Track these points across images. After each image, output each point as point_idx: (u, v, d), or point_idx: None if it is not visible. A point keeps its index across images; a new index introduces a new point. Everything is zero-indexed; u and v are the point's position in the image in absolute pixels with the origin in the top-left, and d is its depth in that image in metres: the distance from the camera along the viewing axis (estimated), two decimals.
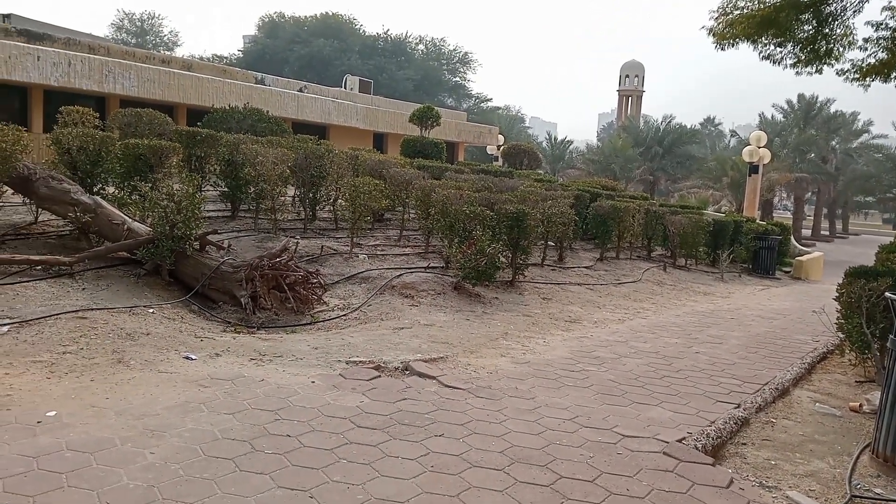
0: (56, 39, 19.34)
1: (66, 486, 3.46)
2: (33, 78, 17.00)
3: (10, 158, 8.37)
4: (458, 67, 66.87)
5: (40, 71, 17.00)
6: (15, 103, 18.11)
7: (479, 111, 60.75)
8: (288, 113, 22.33)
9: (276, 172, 10.98)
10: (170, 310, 7.45)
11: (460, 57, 66.66)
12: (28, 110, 18.05)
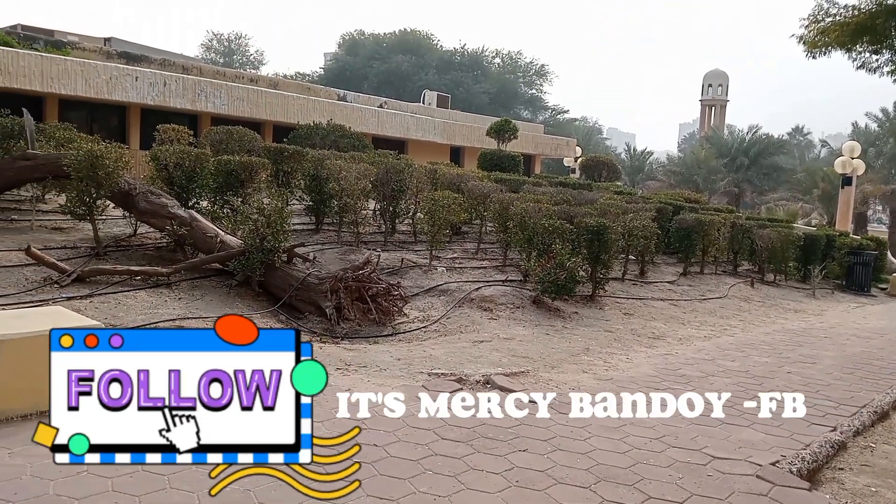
0: (153, 61, 20.48)
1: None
2: (132, 97, 18.03)
3: (113, 175, 8.89)
4: (535, 80, 66.74)
5: (138, 91, 18.01)
6: (114, 121, 19.26)
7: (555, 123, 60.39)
8: (368, 128, 22.83)
9: (358, 187, 11.24)
10: (259, 319, 7.73)
11: (536, 69, 66.53)
12: (126, 128, 19.15)
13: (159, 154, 10.39)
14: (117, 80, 17.58)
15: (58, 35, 20.73)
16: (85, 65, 17.09)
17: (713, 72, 73.94)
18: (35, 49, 17.11)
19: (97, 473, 3.71)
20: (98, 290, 7.66)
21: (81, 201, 8.89)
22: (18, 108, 12.37)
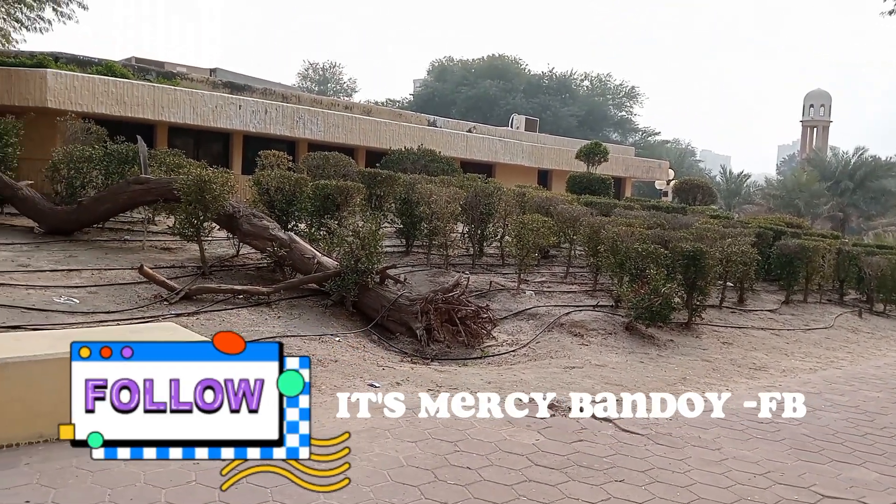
0: (255, 90, 21.51)
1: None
2: (235, 125, 18.98)
3: (220, 198, 9.38)
4: (624, 102, 65.77)
5: (241, 118, 18.95)
6: (218, 147, 20.31)
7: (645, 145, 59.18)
8: (457, 153, 23.10)
9: (448, 210, 11.38)
10: (353, 339, 7.93)
11: (626, 91, 65.57)
12: (229, 153, 20.14)
13: (262, 179, 10.88)
14: (222, 109, 18.56)
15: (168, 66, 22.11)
16: (193, 94, 18.16)
17: (815, 91, 70.69)
18: (148, 80, 18.31)
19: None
20: (204, 307, 8.07)
21: (190, 223, 9.41)
22: (133, 136, 13.27)
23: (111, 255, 9.96)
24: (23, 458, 4.04)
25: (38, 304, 7.40)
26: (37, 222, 11.20)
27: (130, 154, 12.05)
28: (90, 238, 10.97)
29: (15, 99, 14.99)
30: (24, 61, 16.53)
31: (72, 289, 8.11)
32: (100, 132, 13.51)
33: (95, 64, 17.85)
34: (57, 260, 9.31)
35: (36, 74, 15.41)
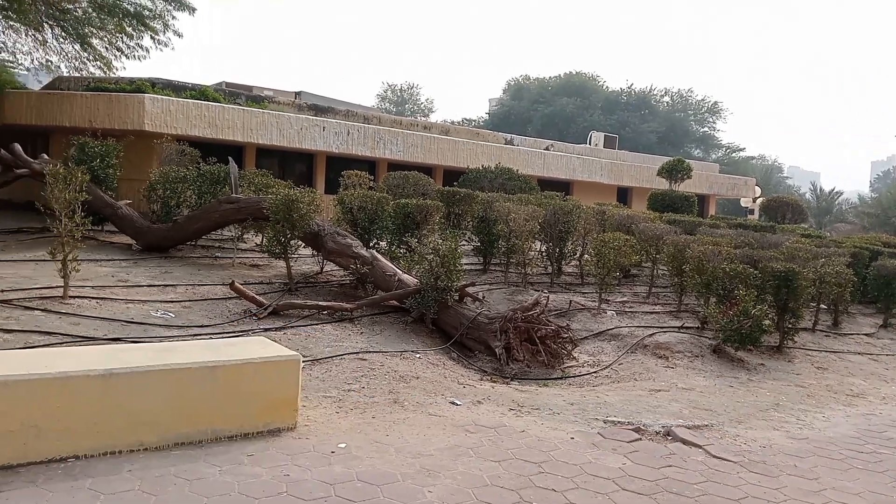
0: (338, 112, 22.11)
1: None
2: (319, 146, 19.55)
3: (306, 217, 9.66)
4: (707, 117, 64.00)
5: (324, 140, 19.51)
6: (303, 167, 20.95)
7: (729, 161, 57.35)
8: (534, 171, 23.03)
9: (526, 228, 11.34)
10: (433, 356, 7.97)
11: (709, 106, 63.82)
12: (313, 173, 20.74)
13: (345, 198, 11.15)
14: (307, 131, 19.17)
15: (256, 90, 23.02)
16: (280, 117, 18.83)
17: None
18: (238, 104, 19.12)
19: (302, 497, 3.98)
20: (290, 322, 8.30)
21: (278, 241, 9.73)
22: (223, 157, 13.87)
23: (203, 271, 10.40)
24: (125, 464, 4.24)
25: (136, 317, 7.80)
26: (134, 239, 11.84)
27: (222, 175, 12.60)
28: (184, 255, 11.50)
29: (115, 123, 15.93)
30: (123, 87, 17.58)
31: (167, 303, 8.51)
32: (193, 154, 14.20)
33: (189, 89, 18.78)
34: (153, 276, 9.79)
35: (134, 99, 16.35)
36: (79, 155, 12.09)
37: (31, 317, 7.33)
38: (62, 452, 4.23)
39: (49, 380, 4.20)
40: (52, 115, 16.51)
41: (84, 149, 12.24)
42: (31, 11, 16.59)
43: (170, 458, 4.37)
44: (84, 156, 12.10)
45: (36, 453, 4.15)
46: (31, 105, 16.94)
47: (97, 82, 18.09)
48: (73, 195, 8.16)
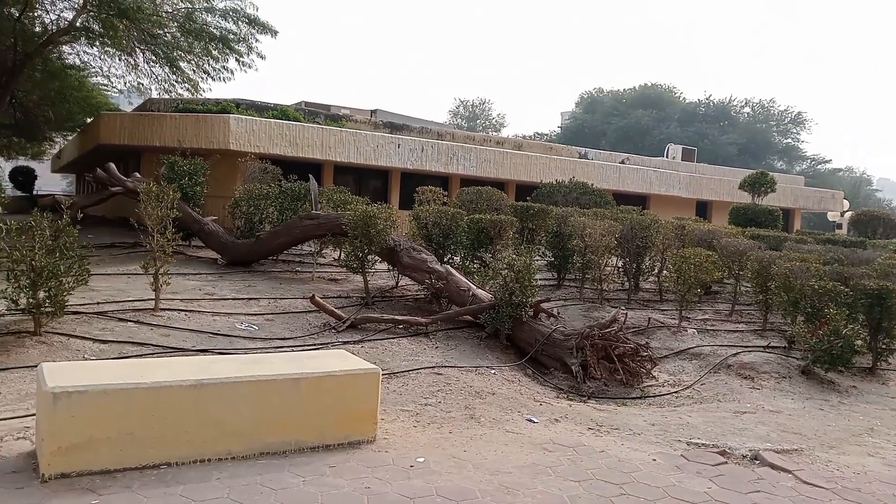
0: (412, 129, 22.46)
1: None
2: (393, 162, 19.90)
3: (383, 233, 9.83)
4: (790, 128, 61.64)
5: (399, 156, 19.84)
6: (378, 183, 21.36)
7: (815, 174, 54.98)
8: (609, 184, 22.71)
9: (603, 243, 11.18)
10: (508, 372, 7.94)
11: (792, 117, 61.47)
12: (388, 189, 21.11)
13: (420, 214, 11.29)
14: (382, 148, 19.55)
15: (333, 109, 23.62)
16: (356, 135, 19.28)
17: None
18: (317, 122, 19.70)
19: None
20: (368, 336, 8.44)
21: (356, 256, 9.93)
22: (303, 174, 14.28)
23: (284, 285, 10.71)
24: (214, 473, 4.40)
25: (222, 329, 8.10)
26: (220, 254, 12.32)
27: (302, 192, 12.98)
28: (266, 269, 11.88)
29: (202, 142, 16.66)
30: (210, 108, 18.38)
31: (251, 316, 8.80)
32: (275, 171, 14.68)
33: (271, 109, 19.47)
34: (238, 289, 10.15)
35: (220, 120, 17.07)
36: (169, 173, 12.69)
37: (125, 328, 7.73)
38: (155, 459, 4.42)
39: (144, 389, 4.41)
40: (144, 135, 17.43)
41: (174, 167, 12.85)
42: (124, 38, 17.58)
43: (256, 468, 4.50)
44: (174, 174, 12.69)
45: (131, 459, 4.35)
46: (124, 126, 17.93)
47: (185, 104, 18.99)
48: (165, 212, 8.57)
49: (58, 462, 4.14)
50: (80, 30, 17.90)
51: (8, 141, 27.54)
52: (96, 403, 4.23)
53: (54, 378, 4.30)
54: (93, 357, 6.80)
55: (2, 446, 4.63)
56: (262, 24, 18.43)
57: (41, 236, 7.11)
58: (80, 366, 5.15)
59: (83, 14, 17.40)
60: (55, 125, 25.78)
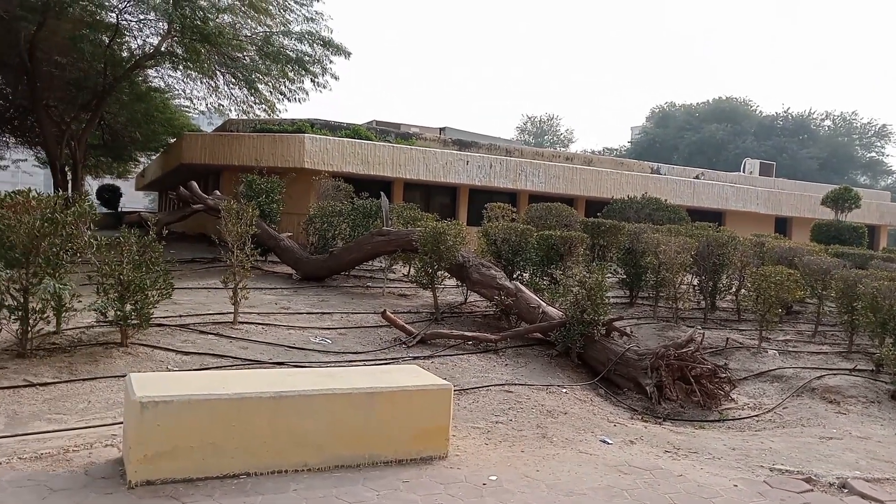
0: (481, 146, 22.54)
1: None
2: (462, 179, 20.01)
3: (453, 249, 9.88)
4: (874, 142, 58.78)
5: (468, 173, 19.95)
6: (446, 199, 21.50)
7: None
8: (683, 200, 22.17)
9: (677, 261, 10.91)
10: (580, 391, 7.82)
11: (876, 130, 58.61)
12: (456, 205, 21.22)
13: (489, 230, 11.30)
14: (451, 165, 19.71)
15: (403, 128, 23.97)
16: (426, 152, 19.50)
17: None
18: (388, 141, 20.02)
19: None
20: (437, 352, 8.47)
21: (425, 272, 10.02)
22: (374, 192, 14.53)
23: (356, 300, 10.89)
24: (291, 484, 4.49)
25: (297, 343, 8.28)
26: (294, 269, 12.63)
27: (373, 209, 13.21)
28: (338, 284, 12.11)
29: (279, 161, 17.17)
30: (286, 128, 18.94)
31: (325, 330, 8.98)
32: (347, 189, 15.00)
33: (344, 128, 19.92)
34: (311, 304, 10.37)
35: (295, 139, 17.56)
36: (247, 191, 13.14)
37: (206, 340, 8.00)
38: (235, 469, 4.55)
39: (226, 400, 4.55)
40: (223, 154, 18.11)
41: (252, 185, 13.29)
42: (206, 61, 18.35)
43: (331, 480, 4.57)
44: (251, 192, 13.13)
45: (213, 469, 4.49)
46: (205, 146, 18.68)
47: (262, 124, 19.64)
48: (244, 228, 8.87)
49: (144, 469, 4.31)
50: (164, 54, 18.78)
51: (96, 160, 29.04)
52: (181, 413, 4.39)
53: (142, 388, 4.48)
54: (175, 368, 7.07)
55: (91, 453, 4.85)
56: (336, 45, 18.90)
57: (129, 252, 7.46)
58: (166, 376, 5.36)
59: (168, 39, 18.27)
60: (140, 145, 27.08)
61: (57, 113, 22.16)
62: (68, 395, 6.23)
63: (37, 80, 18.88)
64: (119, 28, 18.38)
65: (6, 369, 6.63)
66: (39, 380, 6.45)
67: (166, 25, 17.65)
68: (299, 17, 19.10)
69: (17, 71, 19.25)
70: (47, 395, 6.18)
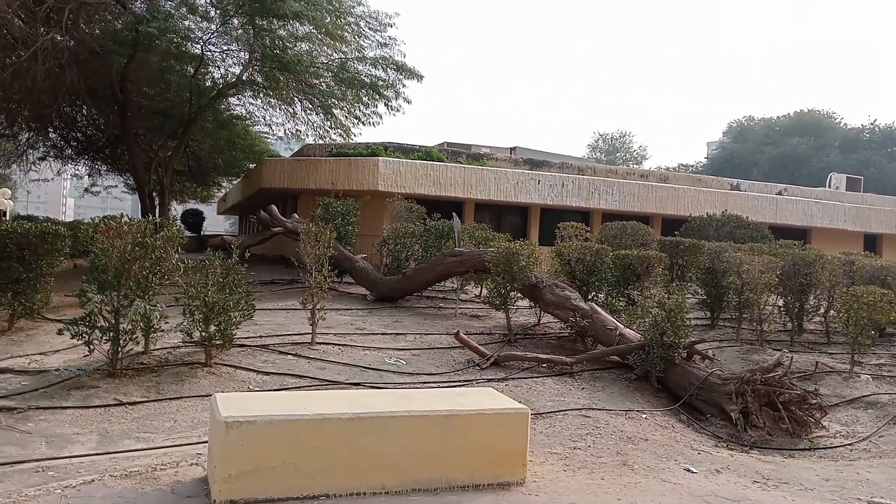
0: (552, 164, 22.41)
1: None
2: (533, 198, 19.93)
3: (526, 269, 9.81)
4: None
5: (539, 192, 19.84)
6: (516, 219, 21.42)
7: None
8: (765, 217, 21.40)
9: (762, 281, 10.50)
10: (660, 416, 7.58)
11: None
12: (527, 225, 21.11)
13: (563, 250, 11.17)
14: (522, 184, 19.67)
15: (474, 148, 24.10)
16: (497, 172, 19.53)
17: None
18: (459, 162, 20.17)
19: None
20: (511, 374, 8.39)
21: (498, 293, 9.97)
22: (445, 212, 14.61)
23: (429, 320, 10.93)
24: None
25: (372, 363, 8.37)
26: (369, 290, 12.81)
27: (445, 229, 13.28)
28: (411, 305, 12.20)
29: (354, 184, 17.54)
30: (360, 151, 19.36)
31: (399, 351, 9.04)
32: (419, 210, 15.16)
33: (416, 150, 20.19)
34: (386, 324, 10.48)
35: (370, 162, 17.91)
36: (324, 214, 13.46)
37: (285, 361, 8.18)
38: (315, 490, 4.60)
39: (307, 421, 4.61)
40: (301, 178, 18.63)
41: (328, 208, 13.61)
42: (284, 89, 18.99)
43: (410, 501, 4.56)
44: (328, 214, 13.44)
45: (293, 489, 4.55)
46: (283, 170, 19.28)
47: (338, 148, 20.13)
48: (323, 251, 9.06)
49: (228, 489, 4.41)
50: (245, 83, 19.57)
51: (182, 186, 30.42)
52: (264, 433, 4.48)
53: (227, 408, 4.60)
54: (257, 388, 7.25)
55: (178, 471, 5.01)
56: (408, 69, 19.25)
57: (213, 274, 7.73)
58: (249, 396, 5.50)
59: (249, 68, 19.02)
60: (223, 171, 28.22)
61: (145, 141, 23.36)
62: (156, 413, 6.47)
63: (127, 111, 19.96)
64: (203, 59, 19.27)
65: (98, 388, 6.95)
66: (129, 399, 6.73)
67: (247, 55, 18.40)
68: (373, 43, 19.59)
69: (109, 102, 20.42)
70: (136, 414, 6.44)
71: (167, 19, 16.09)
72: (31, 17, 14.29)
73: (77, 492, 4.52)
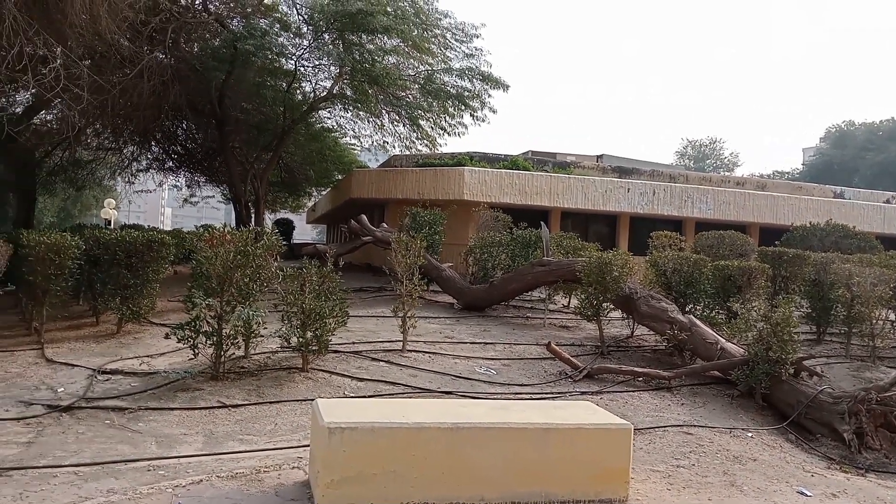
0: (642, 172, 21.88)
1: None
2: (622, 207, 19.49)
3: (619, 280, 9.55)
4: None
5: (629, 201, 19.40)
6: (604, 228, 21.01)
7: None
8: (872, 227, 20.15)
9: (874, 294, 9.84)
10: (767, 436, 7.19)
11: None
12: (616, 234, 20.66)
13: (659, 260, 10.83)
14: (611, 193, 19.29)
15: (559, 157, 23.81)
16: (584, 181, 19.23)
17: None
18: (545, 171, 19.98)
19: None
20: (605, 387, 8.17)
21: (590, 304, 9.75)
22: (532, 222, 14.47)
23: (517, 330, 10.82)
24: None
25: (463, 372, 8.33)
26: (455, 299, 12.81)
27: (531, 238, 13.15)
28: (498, 314, 12.12)
29: (440, 194, 17.66)
30: (446, 161, 19.48)
31: (488, 360, 8.97)
32: (505, 219, 15.08)
33: (501, 160, 20.15)
34: (474, 333, 10.44)
35: (455, 172, 17.99)
36: (411, 223, 13.59)
37: (378, 367, 8.26)
38: (414, 499, 4.58)
39: (406, 429, 4.61)
40: (388, 188, 18.92)
41: (416, 218, 13.74)
42: (373, 101, 19.37)
43: None
44: (415, 224, 13.56)
45: (393, 497, 4.54)
46: (371, 181, 19.63)
47: (424, 158, 20.34)
48: (413, 260, 9.12)
49: (331, 494, 4.45)
50: (336, 96, 20.07)
51: (274, 196, 31.47)
52: (365, 440, 4.50)
53: (329, 414, 4.66)
54: (352, 394, 7.35)
55: (280, 474, 5.11)
56: (494, 79, 19.26)
57: (310, 282, 7.90)
58: (349, 403, 5.56)
59: (339, 82, 19.50)
60: (314, 181, 29.03)
61: (241, 153, 24.30)
62: (257, 416, 6.65)
63: (225, 125, 20.82)
64: (296, 74, 19.90)
65: (202, 391, 7.21)
66: (231, 402, 6.94)
67: (338, 69, 18.87)
68: (459, 54, 19.72)
69: (208, 117, 21.36)
70: (238, 417, 6.63)
71: (263, 36, 16.72)
72: (137, 37, 15.12)
73: (187, 491, 4.68)
